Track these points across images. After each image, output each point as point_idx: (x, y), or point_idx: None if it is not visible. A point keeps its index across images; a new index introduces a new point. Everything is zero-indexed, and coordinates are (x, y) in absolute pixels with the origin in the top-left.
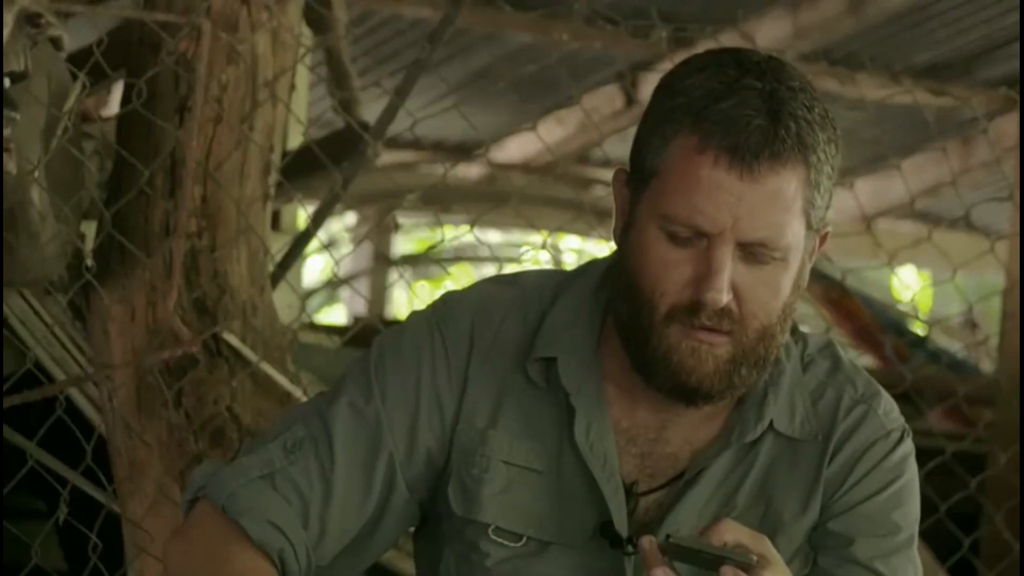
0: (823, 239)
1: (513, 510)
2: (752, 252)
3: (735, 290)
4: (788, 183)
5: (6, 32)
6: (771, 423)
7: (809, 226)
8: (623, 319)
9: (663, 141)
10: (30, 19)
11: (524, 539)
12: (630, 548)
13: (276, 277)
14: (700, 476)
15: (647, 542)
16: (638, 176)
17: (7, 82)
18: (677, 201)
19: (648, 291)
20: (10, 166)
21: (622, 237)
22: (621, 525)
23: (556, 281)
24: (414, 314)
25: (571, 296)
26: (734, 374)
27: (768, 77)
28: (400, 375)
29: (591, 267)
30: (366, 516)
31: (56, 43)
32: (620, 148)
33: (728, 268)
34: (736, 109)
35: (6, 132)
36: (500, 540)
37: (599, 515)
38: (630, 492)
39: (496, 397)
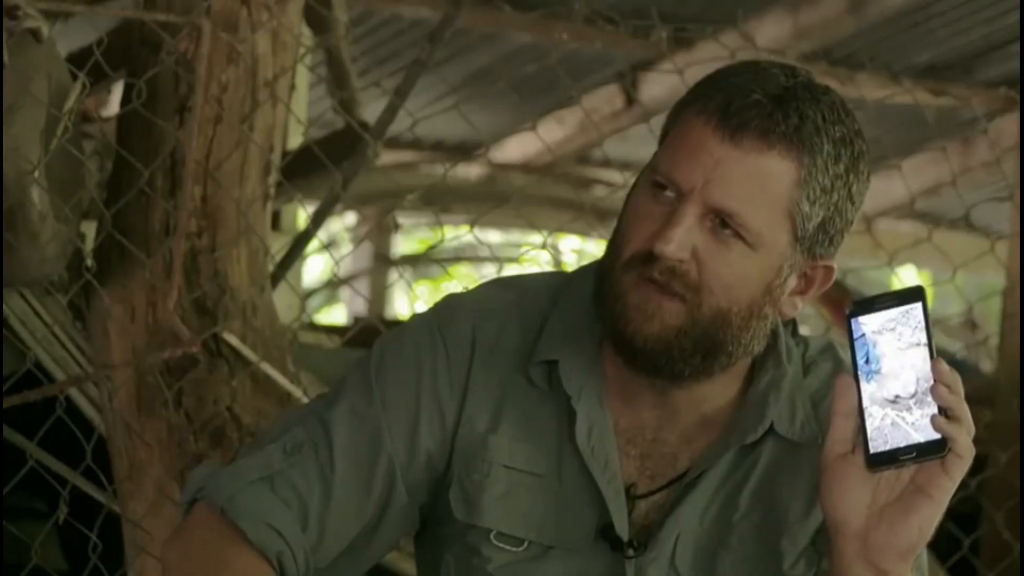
0: (825, 275)
1: (514, 514)
2: (721, 222)
3: (696, 256)
4: (771, 167)
5: None
6: (772, 426)
7: (795, 235)
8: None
9: (676, 113)
10: (8, 11)
11: (526, 543)
12: (631, 551)
13: (276, 277)
14: (701, 478)
15: None
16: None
17: None
18: (664, 153)
19: (619, 239)
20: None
21: None
22: (622, 528)
23: (556, 284)
24: (415, 317)
25: (571, 299)
26: (675, 345)
27: (798, 82)
28: (401, 378)
29: (591, 269)
30: (365, 519)
31: (35, 35)
32: (620, 148)
33: (686, 225)
34: (746, 83)
35: None
36: (502, 545)
37: (599, 518)
38: (630, 495)
39: (497, 401)
